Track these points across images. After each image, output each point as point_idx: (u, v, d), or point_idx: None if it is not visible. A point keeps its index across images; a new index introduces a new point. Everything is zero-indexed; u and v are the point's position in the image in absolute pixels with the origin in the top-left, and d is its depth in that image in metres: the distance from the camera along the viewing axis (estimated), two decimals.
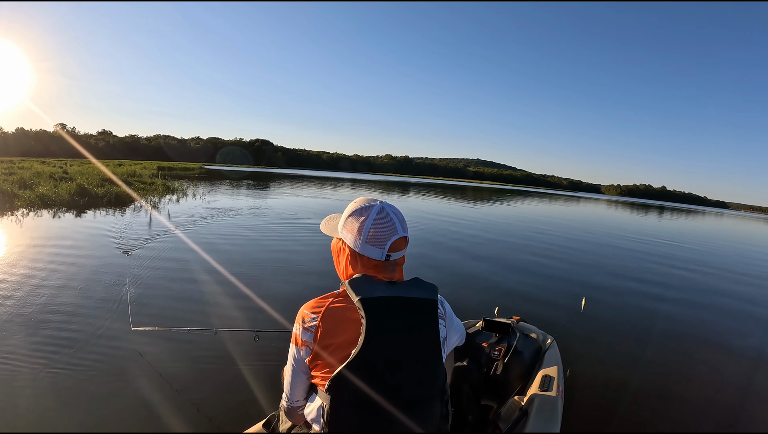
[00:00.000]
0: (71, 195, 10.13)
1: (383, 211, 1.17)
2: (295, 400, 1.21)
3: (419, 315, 1.11)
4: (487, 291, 5.48)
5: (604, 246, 10.91)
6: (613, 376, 3.40)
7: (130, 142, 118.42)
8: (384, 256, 1.16)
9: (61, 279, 4.48)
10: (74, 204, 9.76)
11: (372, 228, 1.15)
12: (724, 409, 3.10)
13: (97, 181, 12.87)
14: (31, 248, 5.67)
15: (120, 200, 10.86)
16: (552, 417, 1.87)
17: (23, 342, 3.07)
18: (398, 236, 1.17)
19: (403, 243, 1.20)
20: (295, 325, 1.17)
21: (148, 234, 7.16)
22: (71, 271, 4.77)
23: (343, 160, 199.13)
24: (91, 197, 10.34)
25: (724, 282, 7.86)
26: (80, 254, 5.55)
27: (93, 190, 10.84)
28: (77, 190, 10.50)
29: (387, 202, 1.22)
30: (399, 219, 1.19)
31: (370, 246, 1.16)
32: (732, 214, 78.01)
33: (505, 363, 2.26)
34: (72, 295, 4.04)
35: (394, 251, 1.17)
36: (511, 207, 24.18)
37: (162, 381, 2.70)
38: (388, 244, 1.15)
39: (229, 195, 15.77)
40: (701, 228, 23.29)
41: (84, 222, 8.01)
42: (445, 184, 68.86)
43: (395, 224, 1.17)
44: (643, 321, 4.91)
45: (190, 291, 4.43)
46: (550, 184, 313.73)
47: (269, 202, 14.05)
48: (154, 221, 8.48)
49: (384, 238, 1.15)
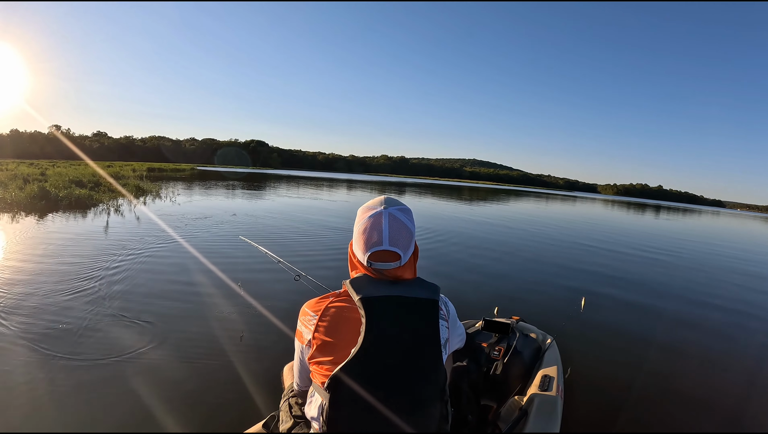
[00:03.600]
0: (31, 198, 9.95)
1: (378, 218, 1.15)
2: (304, 386, 1.29)
3: (419, 314, 1.10)
4: (487, 291, 5.43)
5: (603, 245, 10.84)
6: (613, 376, 3.38)
7: (125, 144, 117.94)
8: (365, 262, 1.14)
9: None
10: (33, 207, 9.50)
11: (362, 230, 1.16)
12: (725, 409, 3.06)
13: (63, 183, 12.67)
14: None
15: (80, 203, 10.67)
16: (552, 417, 1.87)
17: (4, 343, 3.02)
18: (380, 248, 1.13)
19: (392, 257, 1.14)
20: (298, 322, 1.20)
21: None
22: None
23: (338, 161, 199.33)
24: (49, 200, 10.20)
25: (725, 281, 7.79)
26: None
27: (54, 193, 10.70)
28: (38, 192, 10.34)
29: (396, 209, 1.18)
30: (393, 231, 1.14)
31: (357, 247, 1.17)
32: (728, 213, 78.45)
33: (505, 363, 2.25)
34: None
35: (379, 261, 1.14)
36: (508, 207, 24.05)
37: (159, 381, 2.67)
38: (368, 252, 1.13)
39: (208, 197, 15.46)
40: (699, 227, 23.33)
41: (39, 225, 7.69)
42: (442, 185, 68.91)
43: (383, 235, 1.13)
44: (644, 321, 4.88)
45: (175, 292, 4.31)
46: (547, 183, 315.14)
47: (245, 204, 13.62)
48: (96, 225, 8.01)
49: (366, 245, 1.14)
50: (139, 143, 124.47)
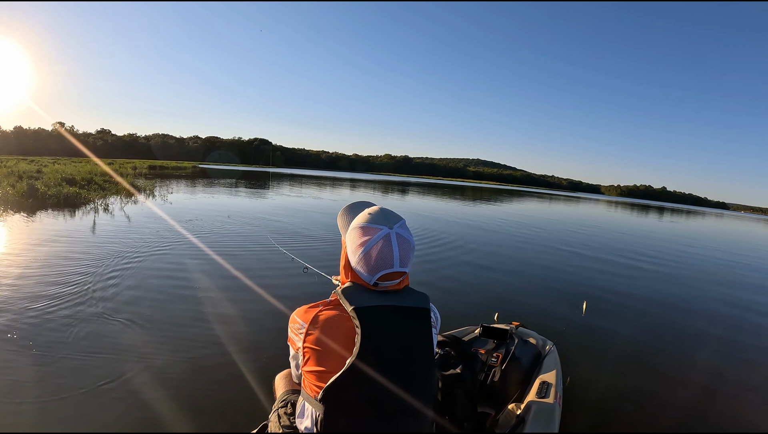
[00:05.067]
0: (20, 195, 9.95)
1: (387, 240, 1.11)
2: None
3: (413, 323, 1.10)
4: (487, 297, 5.30)
5: (606, 249, 10.65)
6: (614, 383, 3.27)
7: (129, 141, 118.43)
8: (372, 282, 1.12)
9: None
10: (20, 205, 9.45)
11: (369, 253, 1.10)
12: (730, 422, 2.94)
13: (54, 181, 12.51)
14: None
15: (69, 201, 10.56)
16: (549, 425, 1.84)
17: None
18: (391, 270, 1.11)
19: (397, 275, 1.13)
20: (288, 330, 1.19)
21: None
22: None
23: (342, 160, 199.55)
24: (36, 198, 10.10)
25: (730, 287, 7.61)
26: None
27: (43, 191, 10.60)
28: (27, 190, 10.31)
29: (400, 226, 1.15)
30: (402, 252, 1.12)
31: (360, 269, 1.13)
32: (732, 215, 78.12)
33: (503, 369, 2.21)
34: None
35: (386, 280, 1.12)
36: (510, 208, 23.86)
37: (157, 384, 2.65)
38: (378, 275, 1.11)
39: (196, 195, 15.33)
40: (702, 230, 23.17)
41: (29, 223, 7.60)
42: (445, 184, 68.79)
43: (394, 257, 1.10)
44: (647, 327, 4.74)
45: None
46: (550, 184, 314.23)
47: (240, 203, 13.35)
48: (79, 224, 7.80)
49: (376, 268, 1.10)
50: (143, 141, 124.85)
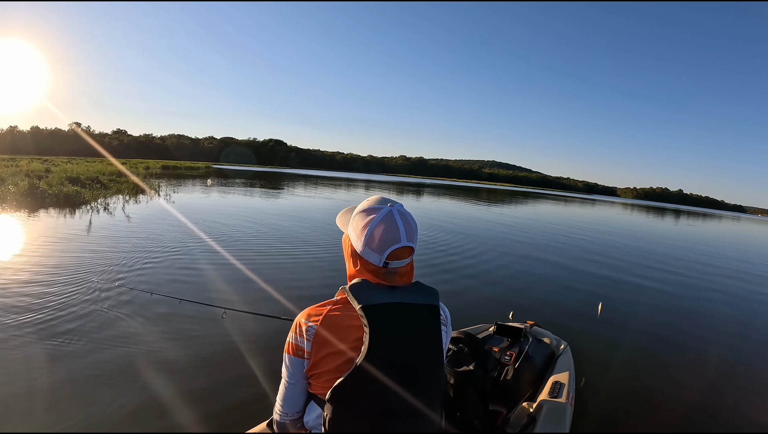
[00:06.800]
0: (20, 194, 10.04)
1: (390, 216, 1.09)
2: (288, 413, 1.14)
3: (423, 321, 1.07)
4: (503, 295, 5.33)
5: (622, 252, 10.47)
6: (627, 385, 3.24)
7: (144, 141, 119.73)
8: (382, 263, 1.09)
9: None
10: (20, 203, 9.62)
11: (374, 232, 1.08)
12: (743, 424, 2.84)
13: (57, 181, 12.63)
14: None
15: (69, 200, 10.54)
16: (560, 425, 1.82)
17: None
18: (399, 245, 1.08)
19: (407, 253, 1.10)
20: (291, 334, 1.11)
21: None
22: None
23: (356, 161, 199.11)
24: (35, 197, 10.16)
25: (744, 293, 7.29)
26: None
27: (42, 190, 10.61)
28: (27, 189, 10.38)
29: (400, 206, 1.13)
30: (407, 227, 1.09)
31: (368, 250, 1.09)
32: (748, 218, 77.05)
33: (516, 368, 2.18)
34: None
35: (395, 259, 1.09)
36: (526, 210, 23.70)
37: (165, 378, 2.63)
38: (387, 252, 1.07)
39: (199, 195, 15.38)
40: (719, 234, 23.31)
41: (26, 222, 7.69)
42: (459, 186, 68.96)
43: (400, 231, 1.08)
44: (662, 328, 4.68)
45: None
46: (565, 186, 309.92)
47: (242, 205, 13.18)
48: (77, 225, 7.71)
49: (384, 245, 1.07)
50: (158, 141, 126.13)
